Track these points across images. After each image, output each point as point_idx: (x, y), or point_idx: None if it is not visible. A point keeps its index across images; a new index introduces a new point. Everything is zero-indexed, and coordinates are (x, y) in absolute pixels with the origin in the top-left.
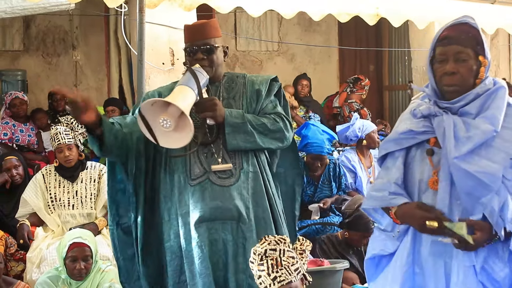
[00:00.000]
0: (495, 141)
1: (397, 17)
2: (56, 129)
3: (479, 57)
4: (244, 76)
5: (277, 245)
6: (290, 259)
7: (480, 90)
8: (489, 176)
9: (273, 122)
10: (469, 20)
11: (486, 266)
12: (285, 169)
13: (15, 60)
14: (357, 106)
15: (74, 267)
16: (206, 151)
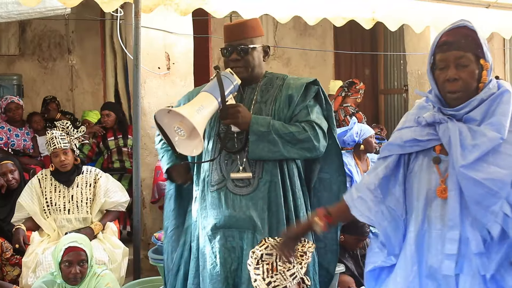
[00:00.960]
0: (502, 146)
1: (393, 21)
2: (51, 133)
3: (480, 61)
4: (284, 78)
5: (274, 250)
6: (286, 264)
7: (484, 95)
8: (498, 182)
9: (302, 131)
10: (467, 24)
11: (497, 274)
12: (330, 175)
13: (10, 65)
14: (352, 110)
15: (69, 271)
16: (227, 158)
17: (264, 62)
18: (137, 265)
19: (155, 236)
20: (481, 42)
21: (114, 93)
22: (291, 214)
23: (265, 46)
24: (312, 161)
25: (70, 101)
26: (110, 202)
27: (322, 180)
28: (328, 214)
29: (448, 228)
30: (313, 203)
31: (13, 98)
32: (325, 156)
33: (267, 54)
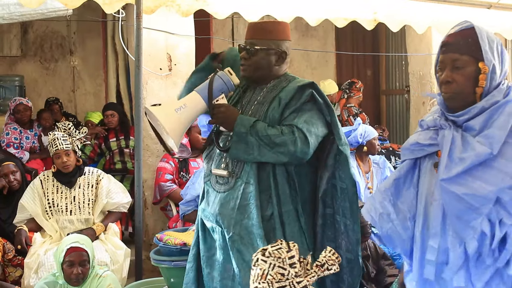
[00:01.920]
0: (497, 161)
1: (395, 22)
2: (53, 135)
3: (479, 64)
4: (290, 81)
5: (269, 258)
6: (278, 275)
7: (486, 104)
8: (480, 198)
9: (279, 134)
10: (471, 25)
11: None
12: (347, 185)
13: (12, 66)
14: (356, 110)
15: (71, 271)
16: (218, 155)
17: (277, 66)
18: (139, 266)
19: (157, 237)
20: (484, 44)
21: (116, 94)
22: (276, 219)
23: (280, 51)
24: (321, 169)
25: (72, 102)
26: (112, 203)
27: (343, 190)
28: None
29: (431, 235)
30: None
31: (22, 99)
32: (340, 165)
33: (282, 59)
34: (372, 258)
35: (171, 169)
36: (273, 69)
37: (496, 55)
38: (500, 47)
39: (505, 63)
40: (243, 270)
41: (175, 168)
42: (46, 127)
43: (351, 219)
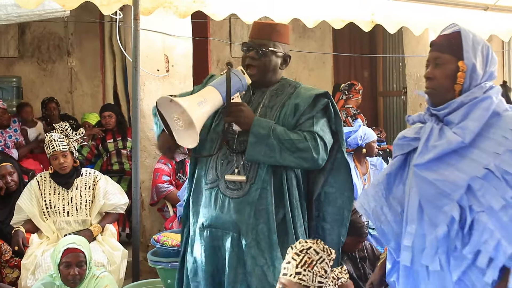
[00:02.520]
0: (471, 152)
1: (392, 23)
2: (50, 136)
3: (459, 62)
4: (296, 87)
5: (322, 252)
6: (322, 270)
7: (465, 99)
8: (450, 185)
9: (303, 139)
10: (457, 28)
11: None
12: (336, 189)
13: (10, 67)
14: (354, 111)
15: (68, 272)
16: (223, 158)
17: (280, 70)
18: (136, 267)
19: (154, 238)
20: (467, 45)
21: (113, 96)
22: (289, 224)
23: (286, 54)
24: (316, 173)
25: (69, 103)
26: (109, 204)
27: (328, 194)
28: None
29: (408, 222)
30: (319, 217)
31: None
32: (332, 170)
33: (286, 62)
34: (369, 260)
35: (168, 170)
36: (277, 72)
37: (480, 56)
38: (486, 51)
39: (490, 66)
40: (255, 275)
41: (172, 169)
42: (28, 120)
43: (332, 223)
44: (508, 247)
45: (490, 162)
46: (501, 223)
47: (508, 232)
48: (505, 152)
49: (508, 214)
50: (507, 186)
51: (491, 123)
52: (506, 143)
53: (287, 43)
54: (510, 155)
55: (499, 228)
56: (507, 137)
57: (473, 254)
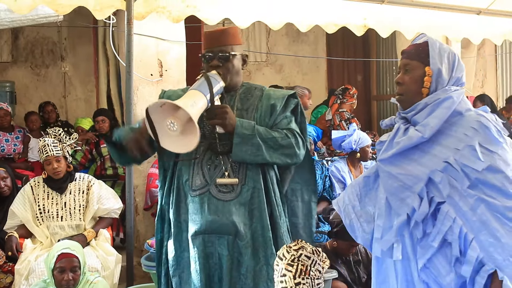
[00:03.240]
0: (432, 147)
1: (384, 28)
2: (44, 141)
3: (425, 68)
4: (262, 89)
5: (312, 255)
6: (317, 272)
7: (429, 100)
8: (412, 178)
9: (284, 137)
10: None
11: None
12: (301, 185)
13: (3, 71)
14: (348, 115)
15: (62, 278)
16: (210, 162)
17: (242, 70)
18: (130, 272)
19: (148, 243)
20: (433, 51)
21: (107, 100)
22: (276, 219)
23: (243, 54)
24: (284, 170)
25: (63, 108)
26: (103, 209)
27: (294, 190)
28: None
29: (378, 215)
30: (288, 213)
31: (2, 104)
32: (297, 166)
33: (245, 62)
34: (363, 263)
35: None
36: (240, 73)
37: (446, 62)
38: (453, 58)
39: (456, 71)
40: (250, 277)
41: None
42: (34, 129)
43: (302, 217)
44: (469, 235)
45: (450, 156)
46: (462, 212)
47: (468, 221)
48: (465, 147)
49: (467, 204)
50: (465, 177)
51: (454, 121)
52: (466, 139)
53: (241, 44)
54: (469, 150)
55: (459, 216)
56: (468, 134)
57: (438, 242)
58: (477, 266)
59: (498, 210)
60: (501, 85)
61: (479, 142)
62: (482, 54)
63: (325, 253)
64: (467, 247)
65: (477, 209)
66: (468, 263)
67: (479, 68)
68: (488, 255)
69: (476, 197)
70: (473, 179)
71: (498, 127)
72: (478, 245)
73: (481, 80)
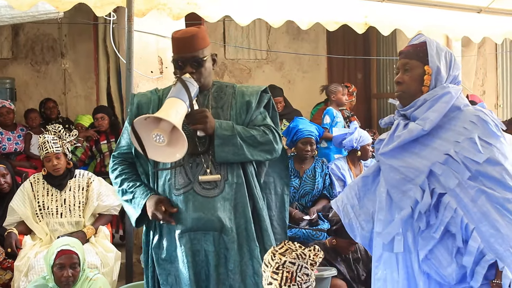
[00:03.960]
0: (433, 141)
1: (385, 25)
2: (43, 138)
3: (425, 67)
4: (233, 87)
5: (297, 260)
6: (305, 276)
7: (427, 96)
8: (413, 170)
9: (263, 134)
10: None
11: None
12: (274, 179)
13: (3, 68)
14: (347, 113)
15: (61, 274)
16: (191, 161)
17: (213, 70)
18: (130, 269)
19: None
20: (431, 50)
21: (107, 97)
22: (259, 212)
23: (213, 54)
24: (258, 164)
25: (63, 105)
26: (102, 206)
27: (268, 183)
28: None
29: (379, 210)
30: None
31: (5, 102)
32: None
33: (215, 62)
34: (363, 261)
35: None
36: (212, 73)
37: (443, 61)
38: (450, 57)
39: (453, 70)
40: (238, 270)
41: None
42: (34, 126)
43: (275, 210)
44: (470, 225)
45: (450, 149)
46: (462, 204)
47: (469, 212)
48: (465, 140)
49: (468, 195)
50: (465, 169)
51: (453, 116)
52: (466, 132)
53: (209, 44)
54: (469, 142)
55: (461, 207)
56: (467, 128)
57: (440, 233)
58: (477, 257)
59: (498, 201)
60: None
61: (478, 135)
62: (483, 53)
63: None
64: (469, 238)
65: (478, 200)
66: (469, 254)
67: (480, 66)
68: (488, 246)
69: (476, 189)
70: (473, 171)
71: (496, 122)
72: (479, 235)
73: (481, 79)
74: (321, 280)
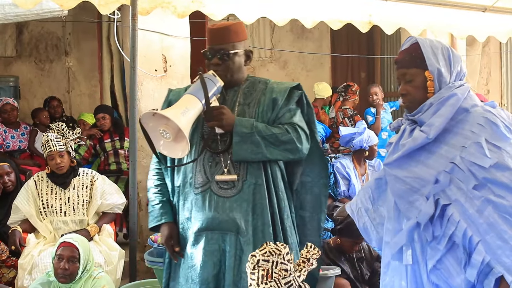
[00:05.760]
0: (439, 147)
1: (389, 24)
2: (47, 136)
3: (425, 73)
4: (266, 83)
5: (270, 256)
6: (283, 271)
7: (433, 100)
8: (419, 180)
9: (285, 132)
10: (414, 40)
11: (440, 266)
12: (312, 178)
13: (7, 66)
14: (351, 112)
15: (58, 266)
16: (211, 160)
17: (245, 66)
18: (133, 267)
19: (151, 238)
20: (427, 53)
21: (111, 95)
22: (275, 216)
23: (247, 50)
24: (294, 164)
25: (67, 103)
26: (106, 204)
27: (304, 183)
28: None
29: (387, 219)
30: (296, 206)
31: (8, 99)
32: (307, 159)
33: (249, 58)
34: (366, 260)
35: None
36: (243, 70)
37: (442, 60)
38: (447, 52)
39: (455, 65)
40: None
41: None
42: (45, 124)
43: (311, 211)
44: (475, 238)
45: (456, 156)
46: (467, 215)
47: (474, 223)
48: (471, 144)
49: (473, 206)
50: (472, 177)
51: (460, 119)
52: (473, 136)
53: (245, 39)
54: (475, 147)
55: (465, 219)
56: (474, 131)
57: (444, 245)
58: (485, 269)
59: (506, 210)
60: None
61: (486, 138)
62: (487, 52)
63: (328, 250)
64: (472, 251)
65: (484, 211)
66: (473, 267)
67: (484, 65)
68: (495, 258)
69: (482, 199)
70: (480, 179)
71: (506, 123)
72: (485, 248)
73: (485, 78)
74: (325, 279)
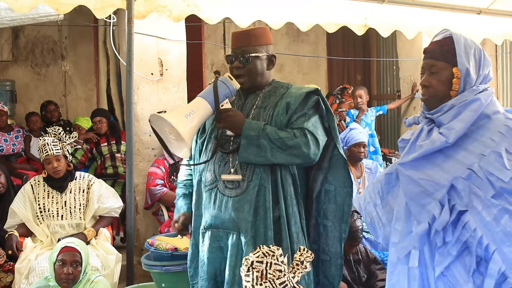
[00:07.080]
0: (457, 152)
1: (385, 27)
2: (43, 140)
3: (453, 69)
4: (288, 87)
5: (264, 258)
6: (278, 272)
7: (455, 102)
8: (434, 184)
9: (292, 137)
10: (449, 33)
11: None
12: (335, 187)
13: (3, 70)
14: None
15: (62, 271)
16: (221, 160)
17: (268, 70)
18: (130, 271)
19: (148, 242)
20: (460, 50)
21: (107, 99)
22: (282, 221)
23: (270, 55)
24: (314, 170)
25: (64, 107)
26: (103, 208)
27: (328, 191)
28: None
29: (396, 219)
30: (320, 215)
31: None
32: (331, 168)
33: (272, 63)
34: (364, 263)
35: (162, 174)
36: (265, 74)
37: (473, 60)
38: (479, 54)
39: (484, 69)
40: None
41: (166, 172)
42: (34, 129)
43: (333, 220)
44: (491, 246)
45: (474, 163)
46: (484, 223)
47: (490, 231)
48: (491, 153)
49: (490, 214)
50: (490, 186)
51: (481, 125)
52: (492, 144)
53: (269, 44)
54: (495, 156)
55: (481, 227)
56: (494, 139)
57: (456, 251)
58: (499, 279)
59: None
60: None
61: (506, 148)
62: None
63: None
64: (489, 259)
65: (501, 220)
66: (490, 277)
67: None
68: (511, 268)
69: (499, 207)
70: (498, 188)
71: None
72: (501, 257)
73: None
74: None
